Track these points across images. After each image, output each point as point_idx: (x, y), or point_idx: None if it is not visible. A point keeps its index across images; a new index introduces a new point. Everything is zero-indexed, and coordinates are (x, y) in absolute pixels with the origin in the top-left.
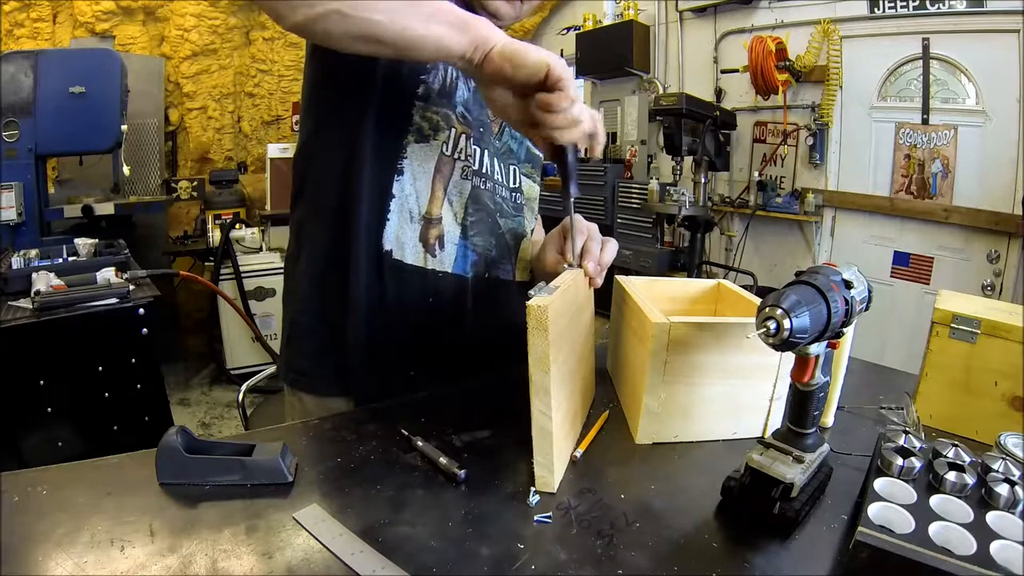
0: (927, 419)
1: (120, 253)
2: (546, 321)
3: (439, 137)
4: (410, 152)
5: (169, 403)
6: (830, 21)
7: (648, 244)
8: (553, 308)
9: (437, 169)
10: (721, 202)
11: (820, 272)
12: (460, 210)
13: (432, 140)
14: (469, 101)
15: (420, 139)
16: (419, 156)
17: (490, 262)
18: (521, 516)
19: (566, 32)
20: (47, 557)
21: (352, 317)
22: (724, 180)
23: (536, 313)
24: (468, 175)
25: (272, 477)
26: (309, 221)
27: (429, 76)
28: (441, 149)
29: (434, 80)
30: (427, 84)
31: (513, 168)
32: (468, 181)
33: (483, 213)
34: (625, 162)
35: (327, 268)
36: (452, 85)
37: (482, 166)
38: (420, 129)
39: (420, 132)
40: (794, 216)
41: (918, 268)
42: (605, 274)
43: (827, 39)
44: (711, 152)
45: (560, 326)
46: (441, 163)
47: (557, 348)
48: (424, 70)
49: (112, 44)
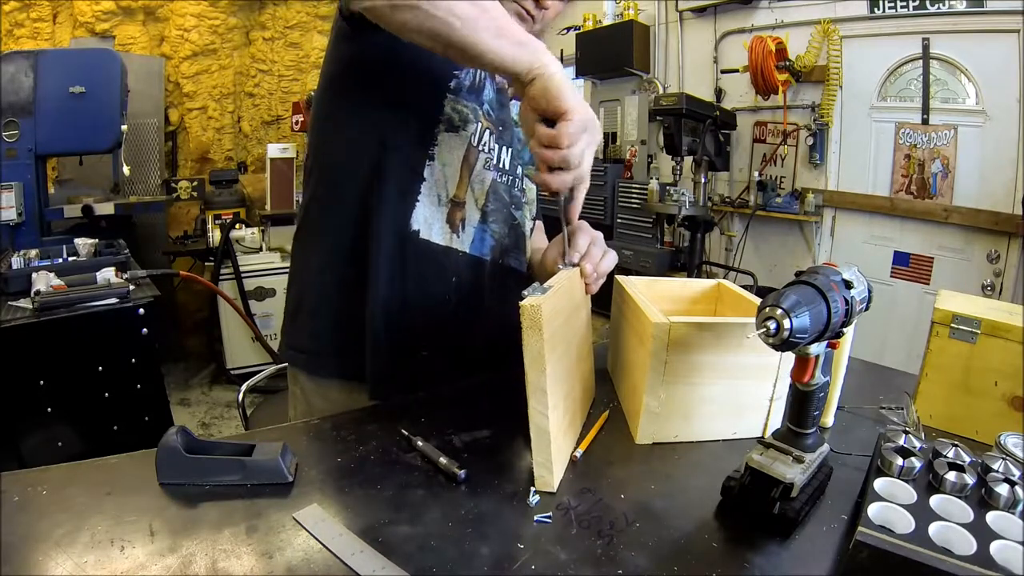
0: (927, 419)
1: (120, 253)
2: (540, 320)
3: (468, 128)
4: (441, 140)
5: (169, 403)
6: (830, 21)
7: (648, 244)
8: (547, 307)
9: (465, 158)
10: (721, 202)
11: (820, 272)
12: (481, 197)
13: (462, 131)
14: (493, 101)
15: (450, 129)
16: (449, 145)
17: (504, 249)
18: (521, 516)
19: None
20: (47, 557)
21: (372, 294)
22: (724, 180)
23: (530, 312)
24: (489, 167)
25: (272, 477)
26: (327, 200)
27: (461, 72)
28: (470, 140)
29: (465, 77)
30: (459, 79)
31: (520, 168)
32: (489, 172)
33: (500, 203)
34: (625, 162)
35: (346, 246)
36: (480, 83)
37: (500, 161)
38: (451, 120)
39: (451, 123)
40: (794, 216)
41: (918, 268)
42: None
43: (827, 39)
44: (711, 152)
45: (555, 325)
46: (469, 152)
47: (552, 347)
48: (457, 65)
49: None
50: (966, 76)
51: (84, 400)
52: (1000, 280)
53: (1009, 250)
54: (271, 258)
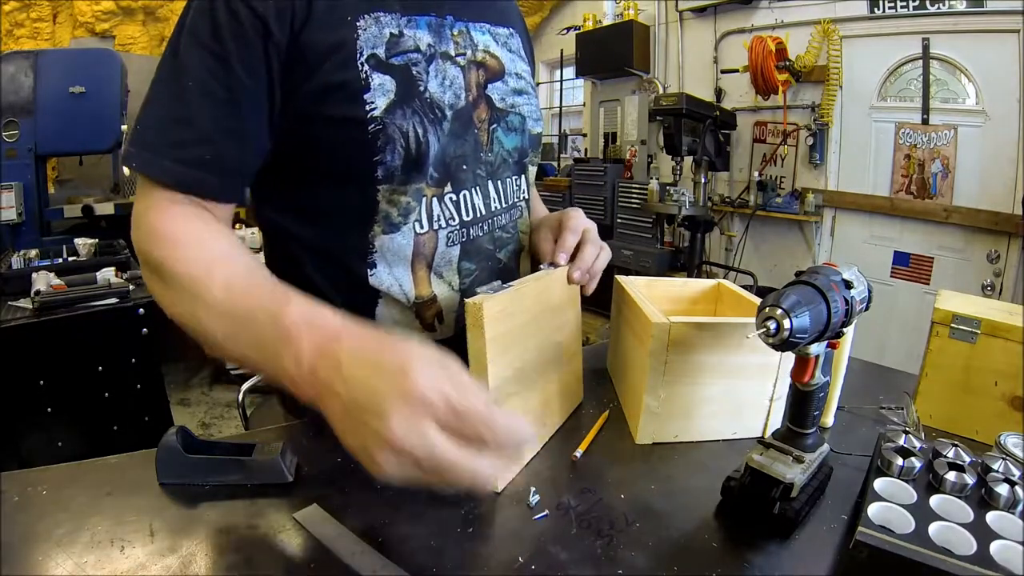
0: (927, 419)
1: (120, 253)
2: (482, 319)
3: (410, 219)
4: (379, 245)
5: (169, 403)
6: (830, 21)
7: (648, 244)
8: (493, 307)
9: (415, 253)
10: (721, 202)
11: (820, 272)
12: (454, 278)
13: (403, 226)
14: (442, 149)
15: (389, 229)
16: (389, 247)
17: None
18: (521, 516)
19: (566, 32)
20: (47, 557)
21: None
22: (724, 180)
23: (472, 310)
24: (454, 240)
25: (272, 477)
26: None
27: (384, 154)
28: (414, 230)
29: (393, 157)
30: (385, 164)
31: (512, 180)
32: (455, 247)
33: (483, 262)
34: (625, 162)
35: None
36: (420, 150)
37: (473, 211)
38: (388, 217)
39: (388, 220)
40: (794, 216)
41: (918, 268)
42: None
43: (827, 39)
44: (711, 152)
45: (509, 326)
46: (419, 245)
47: (502, 348)
48: (375, 149)
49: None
50: (966, 76)
51: (84, 400)
52: (1000, 280)
53: (1009, 250)
54: None
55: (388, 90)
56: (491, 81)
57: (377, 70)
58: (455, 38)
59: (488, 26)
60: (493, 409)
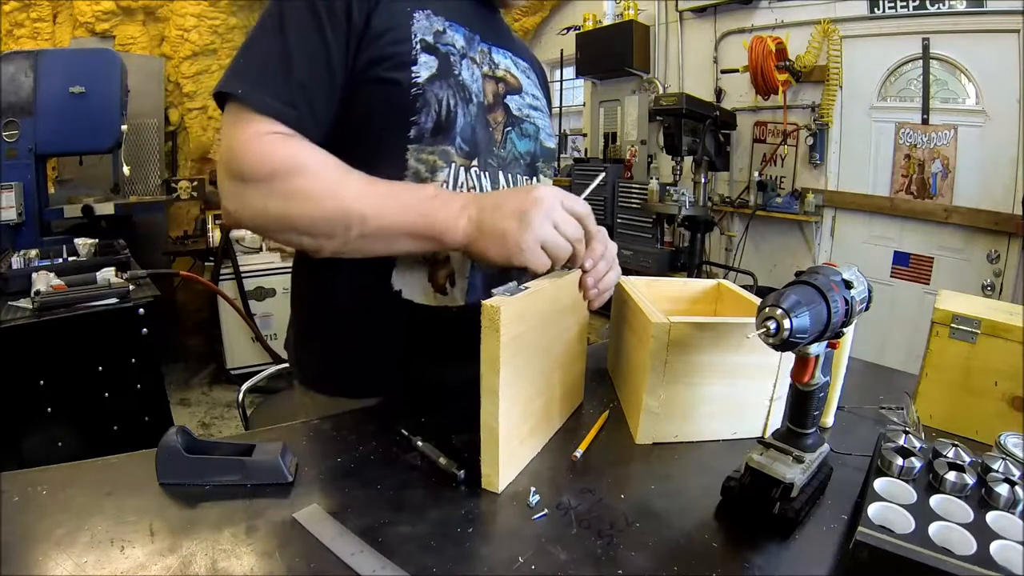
0: (927, 419)
1: (120, 253)
2: (498, 322)
3: (438, 177)
4: None
5: (169, 403)
6: (830, 21)
7: (648, 244)
8: (510, 310)
9: None
10: (721, 202)
11: (820, 272)
12: None
13: (430, 182)
14: (469, 127)
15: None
16: None
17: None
18: (521, 516)
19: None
20: (47, 557)
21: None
22: (724, 180)
23: (489, 313)
24: None
25: (272, 477)
26: None
27: (420, 116)
28: None
29: (426, 120)
30: (419, 125)
31: (522, 178)
32: None
33: None
34: (625, 162)
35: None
36: (449, 118)
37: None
38: (417, 173)
39: (417, 175)
40: (794, 216)
41: (918, 268)
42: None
43: (827, 39)
44: (711, 152)
45: (522, 328)
46: None
47: (515, 351)
48: (413, 110)
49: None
50: (966, 76)
51: (84, 400)
52: (1000, 280)
53: (1009, 250)
54: (271, 258)
55: (431, 67)
56: (509, 94)
57: (425, 51)
58: (480, 52)
59: (510, 53)
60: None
